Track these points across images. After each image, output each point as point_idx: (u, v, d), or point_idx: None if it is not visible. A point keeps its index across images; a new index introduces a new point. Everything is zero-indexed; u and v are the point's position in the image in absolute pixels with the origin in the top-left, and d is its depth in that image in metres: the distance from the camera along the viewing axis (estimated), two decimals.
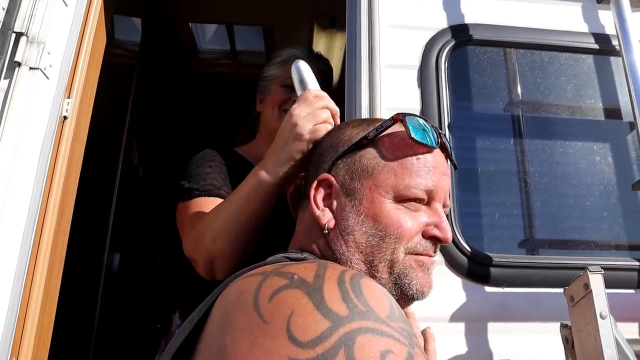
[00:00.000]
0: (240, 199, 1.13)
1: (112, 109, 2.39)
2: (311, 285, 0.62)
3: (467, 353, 1.31)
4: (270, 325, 0.59)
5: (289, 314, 0.59)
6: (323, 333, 0.57)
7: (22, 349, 1.35)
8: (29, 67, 1.41)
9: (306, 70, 1.21)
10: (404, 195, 0.85)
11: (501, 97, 1.59)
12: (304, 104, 1.10)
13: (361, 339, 0.56)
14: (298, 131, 1.05)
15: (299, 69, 1.21)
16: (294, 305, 0.60)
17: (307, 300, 0.60)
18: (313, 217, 0.90)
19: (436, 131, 0.91)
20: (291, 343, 0.57)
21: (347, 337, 0.56)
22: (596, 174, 1.55)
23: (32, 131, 1.40)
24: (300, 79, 1.20)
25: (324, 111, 1.08)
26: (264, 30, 3.23)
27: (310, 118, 1.06)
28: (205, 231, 1.16)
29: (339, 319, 0.58)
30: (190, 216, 1.30)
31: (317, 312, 0.59)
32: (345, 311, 0.59)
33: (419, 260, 0.85)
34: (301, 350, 0.56)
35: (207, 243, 1.15)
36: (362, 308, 0.60)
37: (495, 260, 1.37)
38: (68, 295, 1.70)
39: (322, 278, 0.64)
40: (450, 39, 1.55)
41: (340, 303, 0.60)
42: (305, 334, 0.57)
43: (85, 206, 1.82)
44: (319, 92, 1.14)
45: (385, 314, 0.61)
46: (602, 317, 1.06)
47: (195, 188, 1.35)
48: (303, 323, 0.58)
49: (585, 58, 1.65)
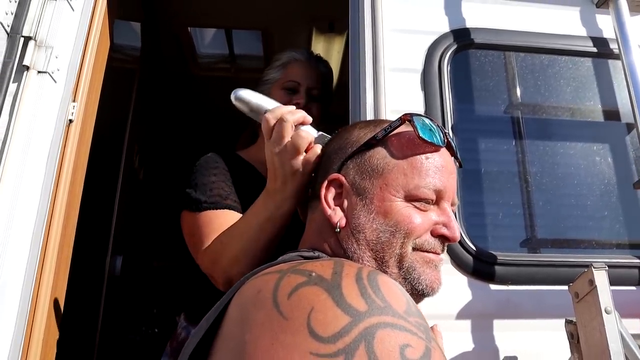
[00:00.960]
0: (254, 229, 1.12)
1: (114, 114, 2.39)
2: (330, 282, 0.63)
3: (473, 350, 1.33)
4: (290, 321, 0.60)
5: (309, 310, 0.60)
6: (343, 328, 0.58)
7: (30, 353, 1.36)
8: (37, 70, 1.42)
9: (250, 96, 1.09)
10: (414, 195, 0.86)
11: (502, 99, 1.62)
12: (273, 139, 1.04)
13: (381, 333, 0.57)
14: (287, 172, 1.03)
15: (241, 98, 1.09)
16: (313, 301, 0.61)
17: (327, 296, 0.61)
18: (324, 217, 0.91)
19: (442, 131, 0.93)
20: (312, 338, 0.57)
21: (367, 332, 0.57)
22: (596, 174, 1.58)
23: (40, 135, 1.41)
24: (250, 109, 1.09)
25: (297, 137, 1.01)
26: (263, 34, 3.24)
27: (290, 150, 1.02)
28: (221, 255, 1.18)
29: (358, 314, 0.59)
30: (200, 230, 1.29)
31: (337, 307, 0.60)
32: (364, 307, 0.60)
33: (426, 257, 0.87)
34: (322, 345, 0.57)
35: (225, 266, 1.16)
36: (381, 304, 0.61)
37: (499, 258, 1.39)
38: (72, 299, 1.71)
39: (340, 275, 0.65)
40: (452, 42, 1.58)
41: (359, 299, 0.61)
42: (325, 330, 0.58)
43: (88, 210, 1.83)
44: (276, 113, 1.05)
45: (403, 309, 0.62)
46: (607, 312, 1.08)
47: (203, 200, 1.33)
48: (323, 319, 0.59)
49: (584, 61, 1.68)
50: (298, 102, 1.59)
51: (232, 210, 1.32)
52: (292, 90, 1.64)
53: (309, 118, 1.06)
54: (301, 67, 1.67)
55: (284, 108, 1.06)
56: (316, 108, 1.62)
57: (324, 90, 1.69)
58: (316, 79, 1.66)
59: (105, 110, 1.86)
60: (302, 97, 1.62)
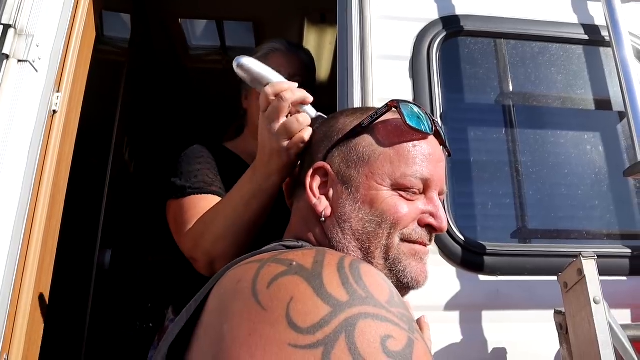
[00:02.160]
0: (239, 204, 1.12)
1: (103, 106, 2.37)
2: (310, 271, 0.62)
3: (461, 341, 1.32)
4: (269, 311, 0.58)
5: (288, 300, 0.59)
6: (323, 319, 0.56)
7: (12, 346, 1.34)
8: (17, 59, 1.39)
9: (253, 65, 1.05)
10: (401, 184, 0.85)
11: (492, 87, 1.60)
12: (268, 114, 1.02)
13: (362, 324, 0.56)
14: (274, 149, 1.02)
15: (243, 66, 1.05)
16: (293, 291, 0.60)
17: (307, 286, 0.60)
18: (309, 206, 0.90)
19: (430, 118, 0.91)
20: (291, 329, 0.56)
21: (348, 323, 0.56)
22: (587, 163, 1.56)
23: (21, 124, 1.39)
24: (252, 78, 1.06)
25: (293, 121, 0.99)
26: (254, 25, 3.22)
27: (282, 132, 1.00)
28: (203, 234, 1.17)
29: (339, 304, 0.58)
30: (184, 215, 1.29)
31: (317, 297, 0.58)
32: (345, 297, 0.59)
33: (413, 250, 0.85)
34: (301, 336, 0.56)
35: (207, 246, 1.16)
36: (362, 294, 0.60)
37: (489, 249, 1.37)
38: (60, 292, 1.69)
39: (321, 264, 0.63)
40: (442, 30, 1.55)
41: (340, 288, 0.60)
42: (305, 320, 0.57)
43: (76, 203, 1.81)
44: (277, 88, 1.02)
45: (385, 299, 0.61)
46: (595, 302, 1.06)
47: (188, 186, 1.34)
48: (303, 309, 0.58)
49: (575, 49, 1.66)
50: None
51: (217, 196, 1.31)
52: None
53: (310, 98, 1.04)
54: (281, 56, 1.66)
55: (286, 84, 1.03)
56: None
57: (307, 77, 1.68)
58: (297, 67, 1.65)
59: (92, 102, 1.83)
60: None
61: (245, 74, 1.06)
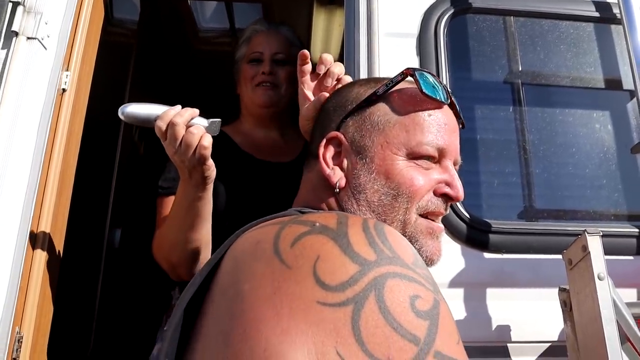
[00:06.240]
0: (183, 216, 1.23)
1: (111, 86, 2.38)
2: (335, 231, 0.62)
3: (466, 318, 1.32)
4: (294, 269, 0.58)
5: (314, 258, 0.58)
6: (352, 277, 0.56)
7: (24, 319, 1.37)
8: (27, 37, 1.40)
9: (136, 109, 1.12)
10: (416, 152, 0.83)
11: (500, 65, 1.58)
12: (168, 142, 1.10)
13: (391, 283, 0.56)
14: (189, 166, 1.12)
15: (128, 114, 1.12)
16: (319, 250, 0.59)
17: (333, 244, 0.59)
18: (320, 176, 0.88)
19: (445, 88, 0.89)
20: (319, 287, 0.56)
21: (377, 282, 0.56)
22: (595, 142, 1.54)
23: (30, 102, 1.39)
24: (141, 121, 1.12)
25: (189, 136, 1.08)
26: (263, 7, 3.19)
27: (185, 149, 1.09)
28: (161, 244, 1.34)
29: (367, 263, 0.58)
30: (156, 216, 1.46)
31: (345, 256, 0.58)
32: (373, 256, 0.58)
33: (430, 227, 0.84)
34: (330, 293, 0.55)
35: (166, 255, 1.32)
36: (389, 253, 0.60)
37: (494, 227, 1.37)
38: (70, 270, 1.71)
39: (346, 224, 0.63)
40: (450, 7, 1.53)
41: (368, 247, 0.59)
42: (333, 278, 0.56)
43: (86, 183, 1.83)
44: (165, 118, 1.09)
45: (411, 260, 0.61)
46: (599, 278, 1.06)
47: (159, 185, 1.48)
48: (330, 267, 0.57)
49: (586, 26, 1.63)
50: (263, 72, 1.64)
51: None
52: (257, 61, 1.68)
53: (196, 111, 1.12)
54: (262, 36, 1.71)
55: (172, 111, 1.10)
56: (284, 72, 1.66)
57: (289, 52, 1.69)
58: (280, 43, 1.69)
59: (101, 82, 1.84)
60: (267, 65, 1.65)
61: (133, 120, 1.13)
